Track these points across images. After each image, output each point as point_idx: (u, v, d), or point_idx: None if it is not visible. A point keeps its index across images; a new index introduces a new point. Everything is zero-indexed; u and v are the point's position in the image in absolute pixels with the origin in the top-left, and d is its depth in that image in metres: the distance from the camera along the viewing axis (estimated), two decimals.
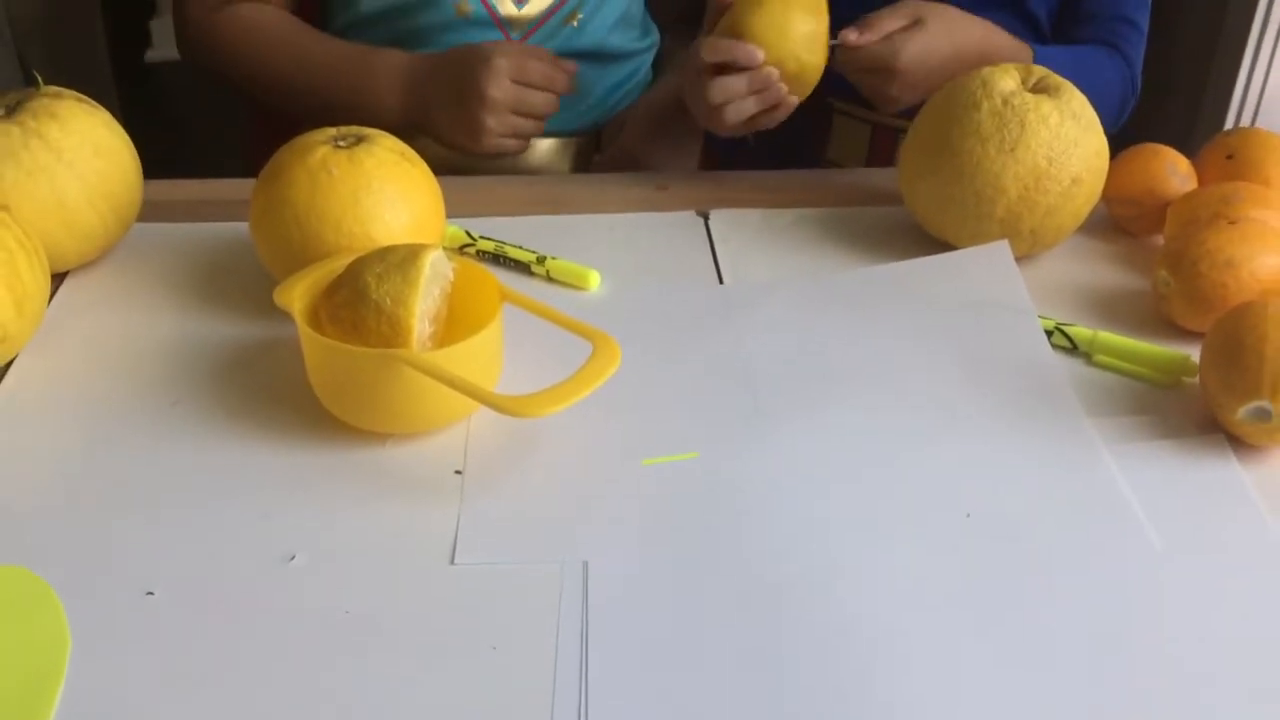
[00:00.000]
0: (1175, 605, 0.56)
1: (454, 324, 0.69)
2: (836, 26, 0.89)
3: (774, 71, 0.85)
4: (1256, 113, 1.60)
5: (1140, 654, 0.53)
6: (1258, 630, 0.55)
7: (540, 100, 0.95)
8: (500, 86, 0.92)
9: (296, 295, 0.67)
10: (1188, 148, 0.87)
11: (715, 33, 0.88)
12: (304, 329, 0.65)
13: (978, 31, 0.94)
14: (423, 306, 0.64)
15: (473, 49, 0.94)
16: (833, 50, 0.88)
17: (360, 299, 0.64)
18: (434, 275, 0.66)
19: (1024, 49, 0.97)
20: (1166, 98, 1.69)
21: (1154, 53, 1.16)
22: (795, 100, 0.88)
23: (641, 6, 1.17)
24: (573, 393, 0.61)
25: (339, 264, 0.68)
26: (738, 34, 0.86)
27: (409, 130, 0.88)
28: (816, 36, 0.86)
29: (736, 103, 0.87)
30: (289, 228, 0.72)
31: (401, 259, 0.65)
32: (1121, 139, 0.93)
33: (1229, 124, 1.57)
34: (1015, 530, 0.60)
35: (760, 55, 0.85)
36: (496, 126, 0.93)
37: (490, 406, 0.61)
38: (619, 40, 1.13)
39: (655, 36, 1.20)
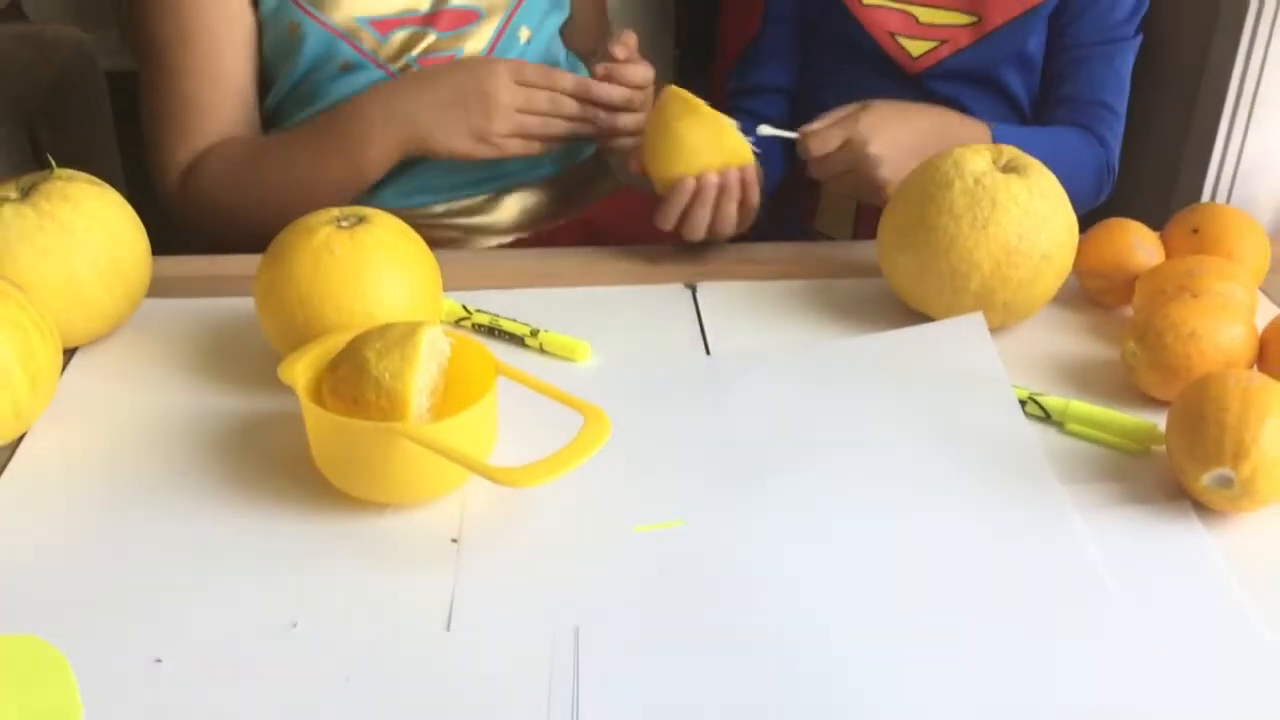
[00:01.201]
0: (1143, 668, 0.58)
1: (450, 397, 0.72)
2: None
3: (712, 178, 0.91)
4: (1231, 188, 1.64)
5: (1110, 717, 0.56)
6: (1224, 693, 0.57)
7: (544, 98, 0.98)
8: (506, 88, 0.96)
9: (300, 370, 0.70)
10: (1165, 222, 0.91)
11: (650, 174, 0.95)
12: (306, 403, 0.68)
13: (929, 111, 0.99)
14: (420, 381, 0.67)
15: (469, 62, 0.98)
16: (804, 163, 0.95)
17: (360, 374, 0.67)
18: (431, 351, 0.69)
19: (981, 126, 1.02)
20: (1143, 173, 1.73)
21: (1131, 130, 1.21)
22: (755, 189, 0.94)
23: (564, 51, 1.19)
24: (564, 464, 0.63)
25: (340, 340, 0.71)
26: (667, 173, 0.93)
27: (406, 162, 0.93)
28: (719, 132, 0.92)
29: (716, 225, 0.93)
30: (293, 305, 0.75)
31: (400, 336, 0.68)
32: (1096, 212, 0.97)
33: (1205, 199, 1.61)
34: (991, 593, 0.63)
35: (690, 183, 0.91)
36: (503, 128, 0.97)
37: (485, 477, 0.63)
38: None
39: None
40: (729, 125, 0.91)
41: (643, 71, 1.02)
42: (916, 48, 1.11)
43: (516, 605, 0.62)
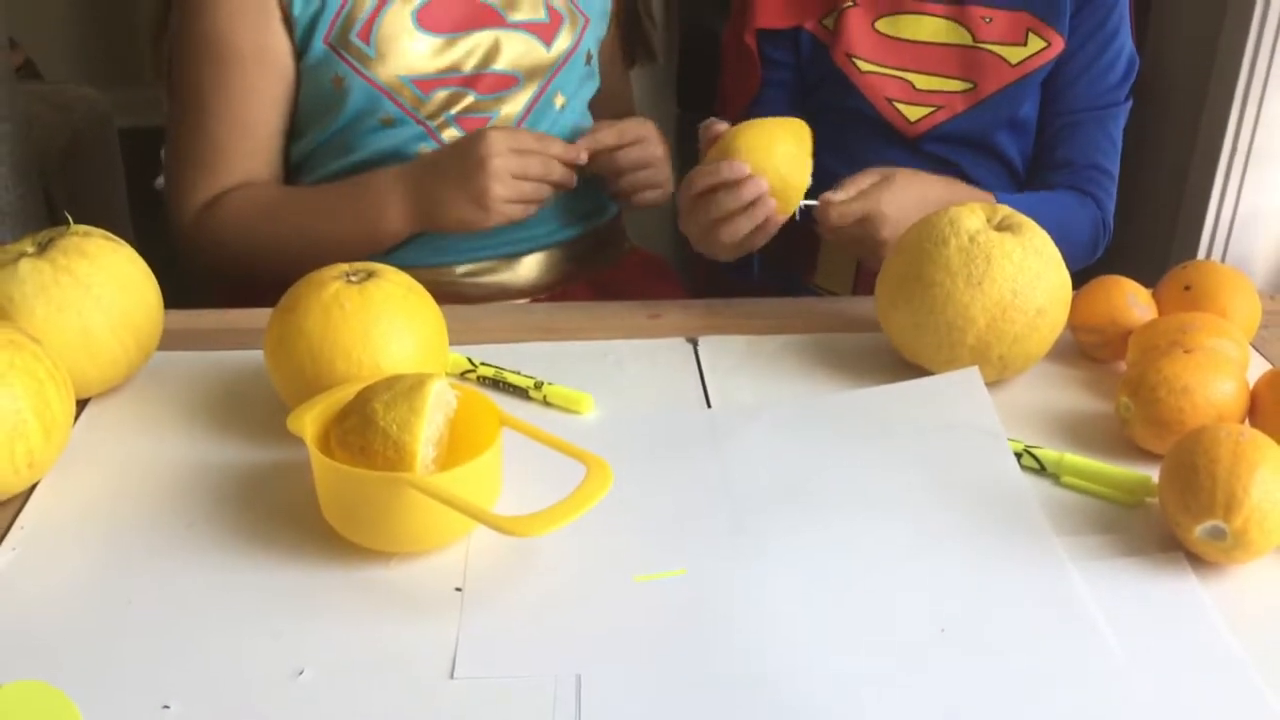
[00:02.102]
0: (1134, 716, 0.59)
1: (455, 448, 0.73)
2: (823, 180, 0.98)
3: (762, 182, 0.93)
4: (1227, 245, 1.67)
5: None
6: None
7: (537, 163, 1.02)
8: (500, 154, 1.00)
9: (308, 421, 0.71)
10: (1160, 279, 0.93)
11: (705, 161, 0.96)
12: (315, 454, 0.69)
13: (941, 183, 1.03)
14: (426, 433, 0.68)
15: (467, 135, 1.02)
16: (808, 211, 0.97)
17: (368, 425, 0.69)
18: (437, 403, 0.70)
19: (988, 197, 1.04)
20: (1140, 231, 1.76)
21: (1129, 189, 1.23)
22: (781, 218, 0.95)
23: (591, 121, 1.23)
24: (568, 513, 0.65)
25: (348, 392, 0.73)
26: (725, 156, 0.94)
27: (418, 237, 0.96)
28: (798, 157, 0.95)
29: (730, 221, 0.94)
30: (303, 358, 0.77)
31: (408, 388, 0.70)
32: (1093, 269, 0.99)
33: (1201, 256, 1.63)
34: (988, 644, 0.64)
35: (745, 168, 0.92)
36: (503, 192, 1.01)
37: (490, 526, 0.65)
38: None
39: None
40: (807, 158, 0.97)
41: (635, 130, 1.08)
42: (914, 113, 1.14)
43: (519, 653, 0.63)
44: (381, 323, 0.78)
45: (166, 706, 0.59)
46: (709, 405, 0.87)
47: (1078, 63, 1.14)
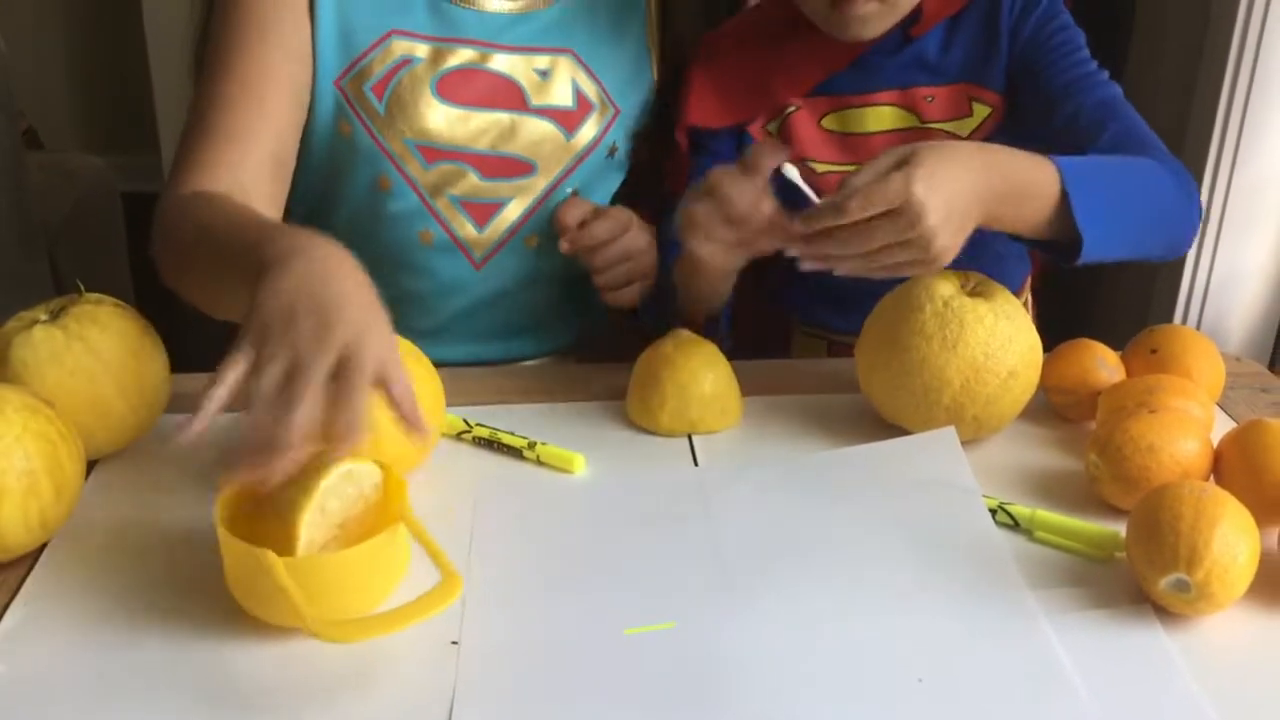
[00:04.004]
0: None
1: (375, 530, 0.72)
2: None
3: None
4: (1202, 310, 1.71)
5: None
6: None
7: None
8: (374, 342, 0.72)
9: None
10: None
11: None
12: (218, 519, 0.71)
13: (977, 149, 0.85)
14: (310, 516, 0.70)
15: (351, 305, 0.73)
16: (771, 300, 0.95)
17: (268, 500, 0.71)
18: (344, 485, 0.71)
19: (1041, 162, 0.87)
20: (1118, 296, 1.80)
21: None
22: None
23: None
24: (392, 623, 0.65)
25: None
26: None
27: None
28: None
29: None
30: None
31: (311, 468, 0.70)
32: (1065, 333, 1.02)
33: (1176, 320, 1.67)
34: (964, 694, 0.67)
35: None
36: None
37: (302, 626, 0.64)
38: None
39: None
40: None
41: (605, 228, 1.03)
42: None
43: (515, 705, 0.66)
44: None
45: None
46: (696, 463, 0.90)
47: (1052, 76, 1.02)
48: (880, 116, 1.07)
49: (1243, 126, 1.64)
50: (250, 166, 0.99)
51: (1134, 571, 0.74)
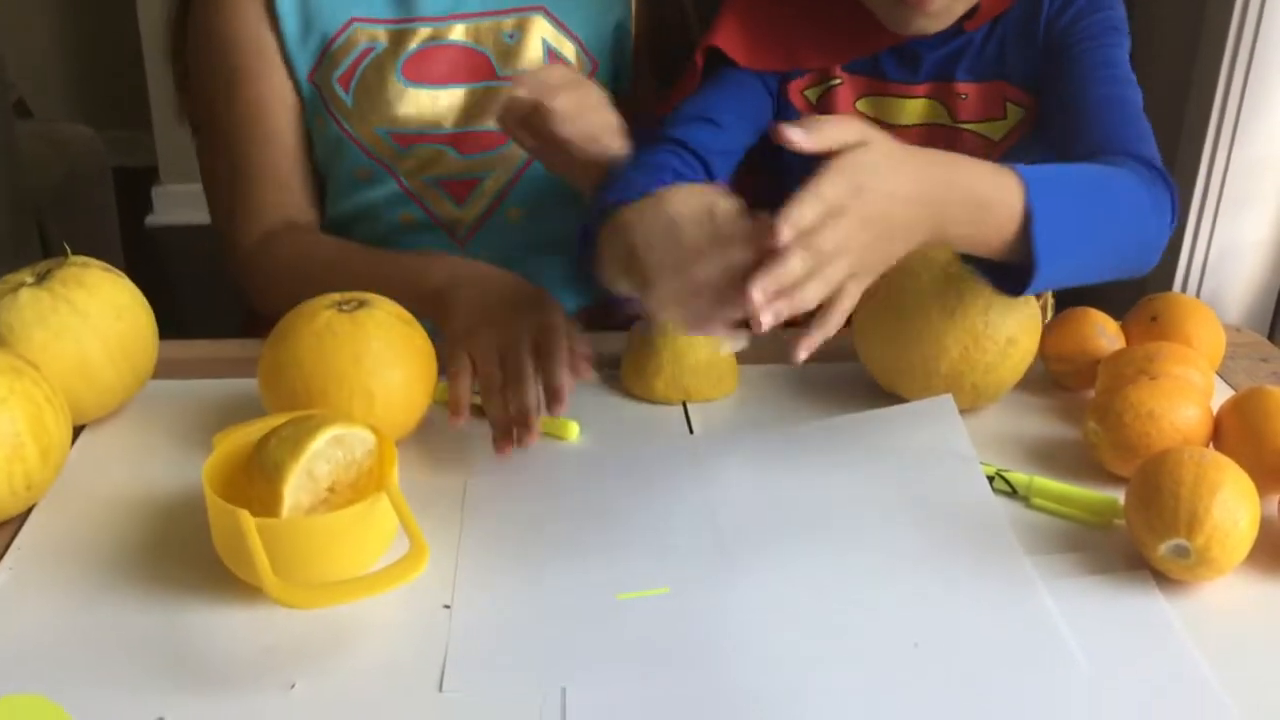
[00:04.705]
0: None
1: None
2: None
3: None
4: (1201, 280, 1.70)
5: None
6: None
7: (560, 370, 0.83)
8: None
9: (229, 440, 0.74)
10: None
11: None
12: (206, 477, 0.70)
13: (933, 174, 0.74)
14: (296, 479, 0.69)
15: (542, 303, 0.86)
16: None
17: (254, 459, 0.71)
18: (333, 450, 0.71)
19: (1003, 175, 0.76)
20: None
21: None
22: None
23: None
24: (354, 591, 0.65)
25: (282, 420, 0.73)
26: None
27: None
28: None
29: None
30: (295, 385, 0.79)
31: (303, 430, 0.70)
32: (1064, 302, 1.01)
33: (1176, 289, 1.66)
34: (959, 660, 0.66)
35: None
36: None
37: (266, 589, 0.64)
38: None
39: None
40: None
41: None
42: None
43: (506, 667, 0.65)
44: (373, 351, 0.80)
45: (161, 718, 0.61)
46: (691, 431, 0.89)
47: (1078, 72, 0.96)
48: (914, 109, 1.03)
49: (1243, 98, 1.62)
50: (294, 197, 1.04)
51: (1133, 537, 0.73)
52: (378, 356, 0.80)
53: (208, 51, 1.04)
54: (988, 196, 0.74)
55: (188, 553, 0.73)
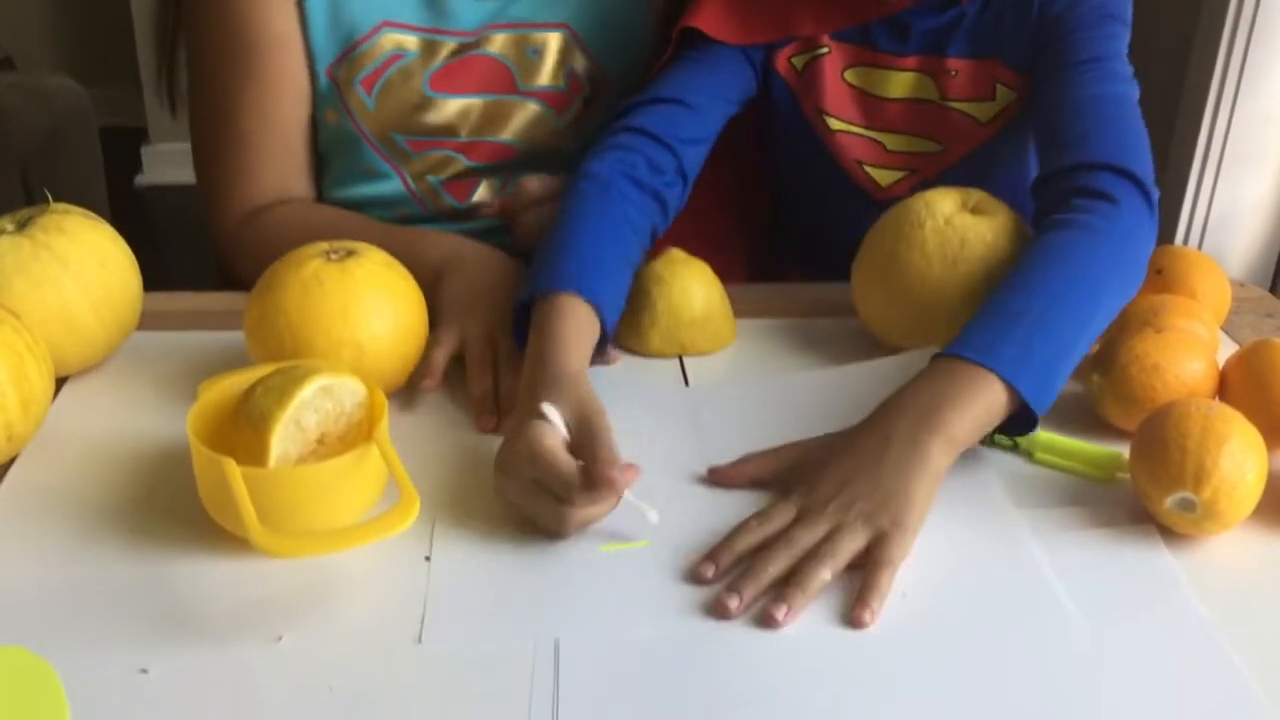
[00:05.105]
0: (1106, 685, 0.60)
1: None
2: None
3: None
4: (1202, 238, 1.69)
5: None
6: (1188, 710, 0.59)
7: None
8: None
9: (216, 390, 0.72)
10: None
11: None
12: (190, 425, 0.69)
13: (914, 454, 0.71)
14: (285, 429, 0.67)
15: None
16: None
17: (241, 408, 0.69)
18: (321, 400, 0.69)
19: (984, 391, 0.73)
20: None
21: None
22: None
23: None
24: (342, 541, 0.63)
25: (269, 370, 0.71)
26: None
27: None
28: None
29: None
30: (282, 335, 0.77)
31: (290, 379, 0.69)
32: None
33: (1178, 239, 1.65)
34: (948, 609, 0.65)
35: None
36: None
37: (250, 537, 0.62)
38: None
39: None
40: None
41: None
42: (884, 177, 1.03)
43: (490, 619, 0.64)
44: (361, 300, 0.78)
45: (144, 670, 0.59)
46: (687, 383, 0.88)
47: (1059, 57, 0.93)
48: (902, 82, 1.00)
49: (1246, 54, 1.61)
50: (285, 150, 1.02)
51: (1138, 491, 0.71)
52: (367, 307, 0.78)
53: (220, 31, 1.01)
54: (963, 396, 0.73)
55: (173, 505, 0.72)
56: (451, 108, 1.02)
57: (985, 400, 0.73)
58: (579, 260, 0.83)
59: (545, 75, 1.05)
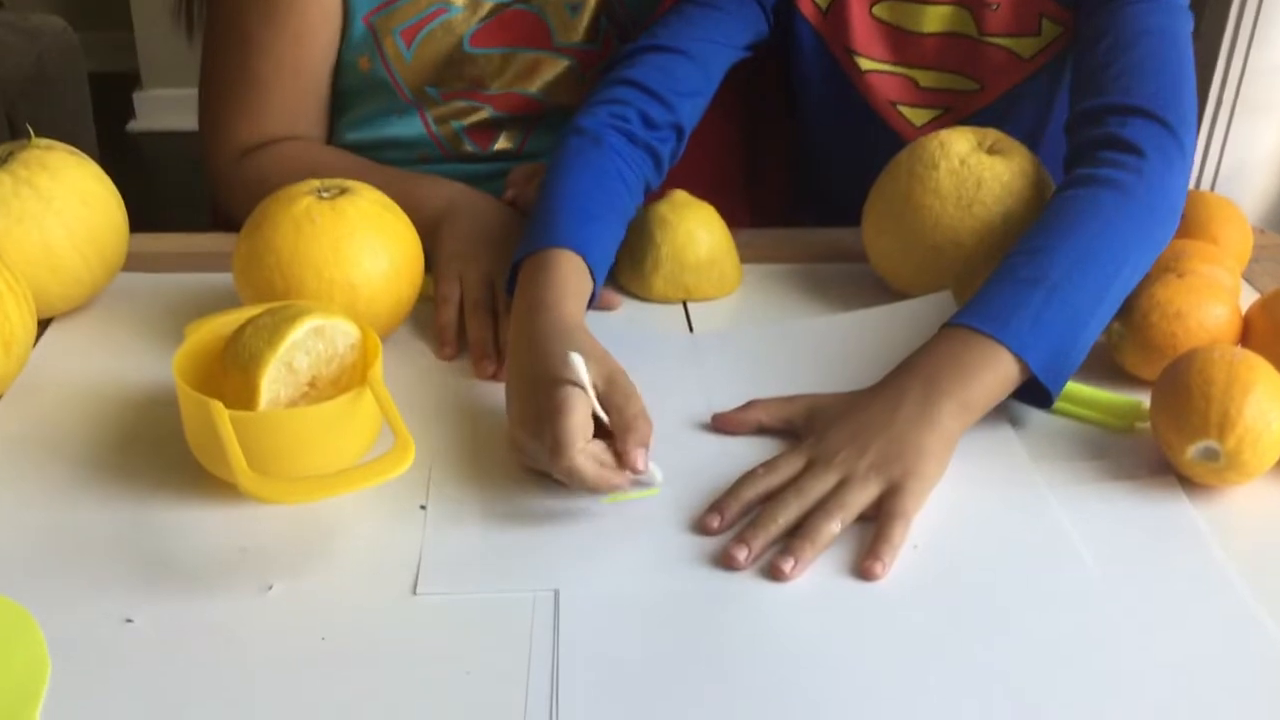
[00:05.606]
0: (1125, 641, 0.58)
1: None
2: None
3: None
4: (1214, 188, 1.66)
5: (1092, 680, 0.55)
6: (1212, 666, 0.56)
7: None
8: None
9: (206, 329, 0.69)
10: None
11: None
12: (176, 367, 0.66)
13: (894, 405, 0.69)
14: (276, 371, 0.65)
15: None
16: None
17: (229, 350, 0.66)
18: (313, 341, 0.66)
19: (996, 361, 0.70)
20: None
21: None
22: None
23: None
24: (335, 486, 0.60)
25: (258, 311, 0.69)
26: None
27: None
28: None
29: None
30: (272, 274, 0.74)
31: (281, 319, 0.66)
32: None
33: (1189, 187, 1.63)
34: (961, 560, 0.63)
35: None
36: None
37: (238, 482, 0.59)
38: None
39: None
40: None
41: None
42: (918, 117, 1.00)
43: (487, 570, 0.61)
44: (354, 239, 0.75)
45: (129, 620, 0.57)
46: (691, 330, 0.85)
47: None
48: (936, 16, 0.95)
49: (1260, 11, 1.58)
50: (299, 98, 0.99)
51: (1159, 440, 0.69)
52: (360, 246, 0.75)
53: None
54: (974, 365, 0.70)
55: (160, 449, 0.70)
56: (487, 62, 1.01)
57: (996, 371, 0.70)
58: (570, 214, 0.80)
59: (580, 32, 1.04)
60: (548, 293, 0.73)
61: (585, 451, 0.63)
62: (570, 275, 0.76)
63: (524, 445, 0.67)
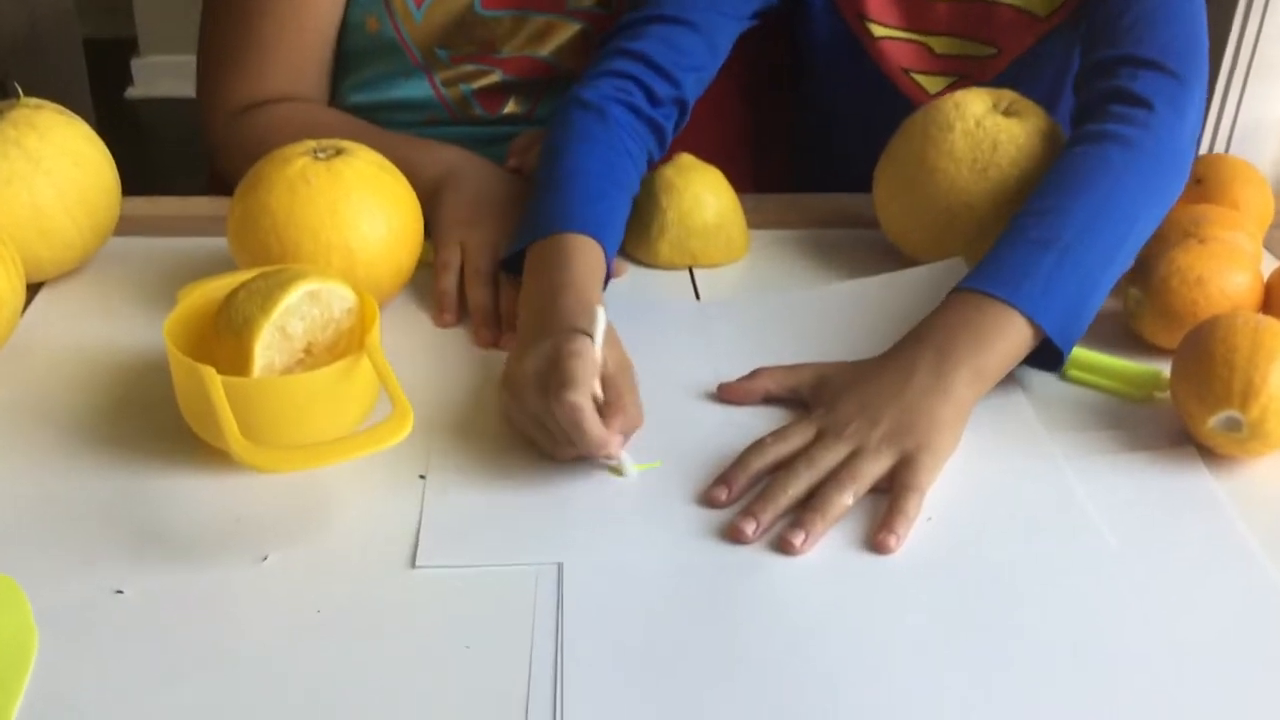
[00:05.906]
0: (1144, 615, 0.56)
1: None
2: None
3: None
4: (1230, 140, 1.64)
5: (1109, 654, 0.54)
6: (1233, 637, 0.55)
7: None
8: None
9: (198, 293, 0.68)
10: None
11: None
12: (168, 333, 0.65)
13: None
14: (270, 335, 0.63)
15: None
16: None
17: (222, 314, 0.64)
18: (308, 306, 0.65)
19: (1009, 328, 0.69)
20: None
21: None
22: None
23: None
24: (330, 455, 0.58)
25: (251, 275, 0.67)
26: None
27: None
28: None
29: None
30: (267, 237, 0.72)
31: (276, 283, 0.64)
32: None
33: (1203, 150, 1.60)
34: (975, 532, 0.61)
35: None
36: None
37: (231, 450, 0.58)
38: None
39: None
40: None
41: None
42: (933, 84, 0.97)
43: (485, 542, 0.60)
44: (351, 201, 0.73)
45: (120, 591, 0.56)
46: (698, 298, 0.83)
47: None
48: None
49: None
50: (300, 60, 0.97)
51: (1179, 410, 0.67)
52: (357, 209, 0.73)
53: None
54: (987, 331, 0.68)
55: (151, 416, 0.68)
56: (498, 24, 0.99)
57: (1010, 336, 0.68)
58: (582, 196, 0.78)
59: None
60: (567, 274, 0.71)
61: (589, 396, 0.62)
62: (588, 260, 0.74)
63: (524, 399, 0.65)
